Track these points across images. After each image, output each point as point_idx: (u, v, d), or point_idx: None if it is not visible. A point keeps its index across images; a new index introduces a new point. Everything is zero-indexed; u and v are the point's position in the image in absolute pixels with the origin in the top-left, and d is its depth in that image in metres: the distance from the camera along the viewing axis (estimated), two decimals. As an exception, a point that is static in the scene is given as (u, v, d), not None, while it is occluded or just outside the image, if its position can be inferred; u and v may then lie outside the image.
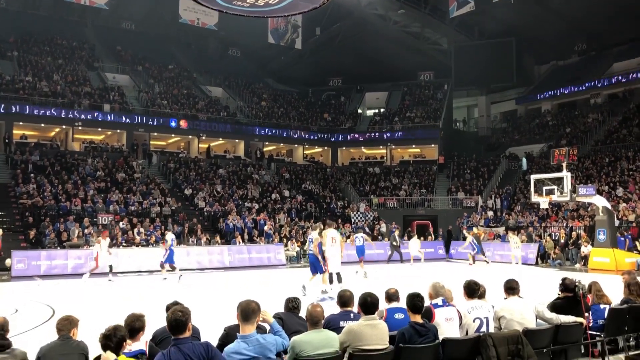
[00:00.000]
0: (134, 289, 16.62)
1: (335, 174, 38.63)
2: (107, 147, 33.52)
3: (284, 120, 40.68)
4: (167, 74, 41.78)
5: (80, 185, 26.78)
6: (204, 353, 3.97)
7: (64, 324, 4.81)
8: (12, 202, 24.76)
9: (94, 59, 40.59)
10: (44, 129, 33.67)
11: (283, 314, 5.59)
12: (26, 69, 35.01)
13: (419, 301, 5.28)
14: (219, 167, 34.17)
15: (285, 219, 29.01)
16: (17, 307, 12.04)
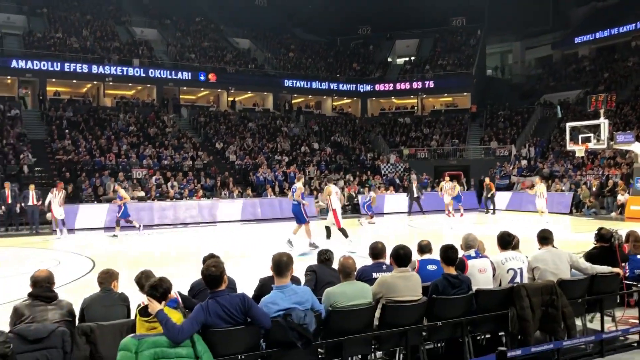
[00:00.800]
0: (171, 241, 17.05)
1: (364, 125, 38.31)
2: (138, 102, 33.82)
3: (312, 71, 40.24)
4: (195, 27, 41.48)
5: (113, 141, 27.22)
6: (240, 304, 4.06)
7: (105, 277, 4.97)
8: (49, 158, 25.38)
9: (122, 13, 40.50)
10: (76, 85, 34.06)
11: (316, 267, 5.66)
12: (56, 26, 35.18)
13: (452, 253, 5.27)
14: (249, 120, 34.22)
15: (315, 171, 29.09)
16: (59, 260, 12.49)
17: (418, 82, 39.46)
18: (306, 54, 43.27)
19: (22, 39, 33.00)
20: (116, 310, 4.80)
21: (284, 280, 4.45)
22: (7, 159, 23.49)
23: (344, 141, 34.59)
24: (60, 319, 4.32)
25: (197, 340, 3.84)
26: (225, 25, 43.65)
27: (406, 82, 39.87)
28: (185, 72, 34.70)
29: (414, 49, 44.71)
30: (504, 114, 36.80)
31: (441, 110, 39.82)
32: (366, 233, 17.36)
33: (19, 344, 3.90)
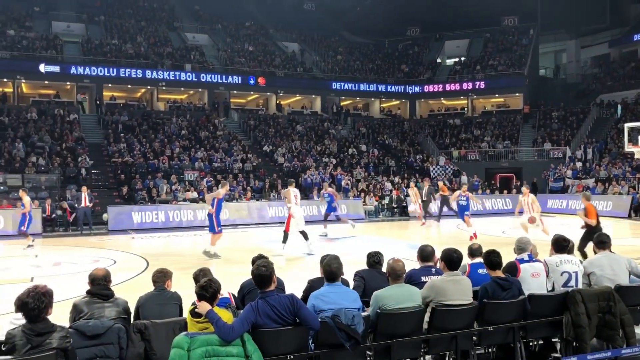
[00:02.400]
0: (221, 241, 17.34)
1: (413, 126, 37.96)
2: (190, 106, 34.66)
3: (360, 74, 40.19)
4: (245, 32, 42.15)
5: (166, 144, 27.95)
6: (289, 305, 4.10)
7: (159, 276, 5.12)
8: (105, 161, 26.30)
9: (174, 19, 41.57)
10: (131, 90, 35.17)
11: (365, 272, 5.61)
12: (112, 33, 36.45)
13: (495, 257, 5.18)
14: (297, 123, 34.48)
15: (363, 173, 29.03)
16: (114, 259, 12.91)
17: (468, 82, 38.81)
18: (354, 57, 43.27)
19: (81, 46, 34.35)
20: (169, 308, 4.93)
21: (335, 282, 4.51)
22: (66, 162, 24.47)
23: (392, 143, 34.38)
24: (117, 316, 4.47)
25: (247, 340, 3.90)
26: (275, 29, 44.18)
27: (456, 83, 39.27)
28: (235, 77, 35.31)
29: (464, 49, 43.99)
30: (558, 114, 35.74)
31: (492, 111, 39.04)
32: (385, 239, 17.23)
33: (78, 339, 4.06)
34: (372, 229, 20.39)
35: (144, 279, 10.16)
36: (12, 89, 31.95)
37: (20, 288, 3.88)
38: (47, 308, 3.70)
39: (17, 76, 31.10)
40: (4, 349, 3.62)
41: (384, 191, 26.95)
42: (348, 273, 5.21)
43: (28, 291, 3.68)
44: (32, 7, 37.80)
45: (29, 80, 32.09)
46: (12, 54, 30.96)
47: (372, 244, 13.82)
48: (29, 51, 31.62)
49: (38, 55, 31.31)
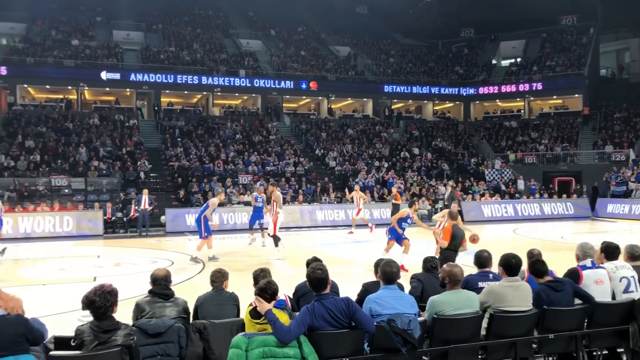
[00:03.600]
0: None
1: (467, 129, 37.29)
2: (244, 110, 35.30)
3: (413, 76, 39.85)
4: (297, 37, 42.57)
5: (221, 148, 28.52)
6: (345, 308, 4.11)
7: (217, 276, 5.24)
8: (163, 165, 27.09)
9: (229, 26, 42.45)
10: (187, 96, 36.13)
11: (422, 275, 5.57)
12: (169, 40, 37.55)
13: (540, 266, 5.17)
14: (348, 126, 34.50)
15: (415, 177, 28.73)
16: (172, 260, 13.26)
17: (525, 84, 37.80)
18: (406, 59, 42.96)
19: (140, 53, 35.56)
20: (227, 309, 5.03)
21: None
22: (126, 166, 25.34)
23: (445, 146, 33.89)
24: (177, 315, 4.59)
25: (304, 342, 3.94)
26: (327, 33, 44.42)
27: (512, 85, 38.33)
28: (287, 81, 35.69)
29: (520, 50, 42.89)
30: (621, 116, 34.32)
31: (550, 113, 37.89)
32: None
33: (141, 337, 4.20)
34: (425, 234, 20.09)
35: (201, 280, 10.41)
36: (76, 96, 33.41)
37: (84, 287, 4.05)
38: (113, 306, 3.85)
39: (81, 84, 32.48)
40: (74, 344, 3.79)
41: (438, 195, 26.58)
42: (403, 277, 5.17)
43: (95, 290, 3.84)
44: (95, 17, 39.45)
45: (91, 88, 33.46)
46: (76, 63, 32.35)
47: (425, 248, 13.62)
48: (91, 59, 32.99)
49: (100, 63, 32.63)
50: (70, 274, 11.96)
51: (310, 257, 5.82)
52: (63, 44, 34.41)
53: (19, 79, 31.32)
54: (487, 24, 43.43)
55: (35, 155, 24.86)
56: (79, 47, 34.01)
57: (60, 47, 33.72)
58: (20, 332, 3.67)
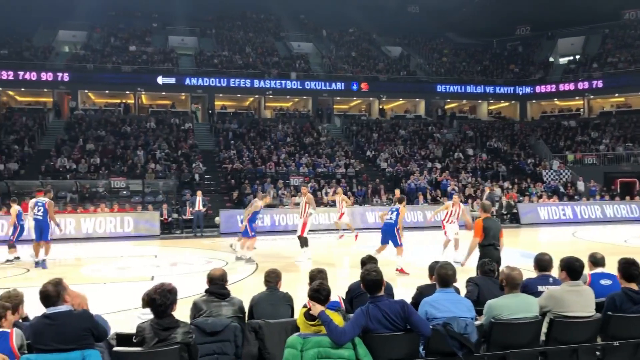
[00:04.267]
0: (327, 245, 17.57)
1: (523, 129, 36.30)
2: (295, 113, 35.58)
3: (467, 75, 39.16)
4: (348, 38, 42.59)
5: (273, 150, 28.84)
6: (400, 310, 4.07)
7: (272, 276, 5.28)
8: (216, 167, 27.62)
9: (280, 29, 42.91)
10: (240, 99, 36.74)
11: (478, 279, 5.46)
12: (223, 44, 38.30)
13: (635, 269, 4.76)
14: (400, 127, 34.21)
15: (469, 178, 28.17)
16: (226, 260, 13.48)
17: (584, 82, 36.47)
18: (460, 58, 42.26)
19: (194, 58, 36.44)
20: (281, 308, 5.07)
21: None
22: (181, 168, 25.98)
23: (501, 147, 33.09)
24: (233, 314, 4.66)
25: (358, 344, 3.92)
26: (378, 34, 44.25)
27: (570, 83, 37.06)
28: (338, 83, 35.74)
29: (579, 47, 41.43)
30: (690, 113, 32.63)
31: (612, 111, 36.39)
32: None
33: (198, 335, 4.28)
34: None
35: (254, 280, 10.54)
36: (134, 100, 34.53)
37: (142, 286, 4.16)
38: (172, 304, 3.95)
39: (138, 88, 33.57)
40: (135, 341, 3.91)
41: (493, 197, 25.94)
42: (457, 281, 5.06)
43: (155, 288, 3.95)
44: (151, 23, 40.70)
45: (148, 92, 34.52)
46: (134, 68, 33.45)
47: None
48: (148, 64, 34.03)
49: (156, 68, 33.61)
50: (129, 273, 12.35)
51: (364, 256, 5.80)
52: (121, 50, 35.68)
53: (80, 84, 32.65)
54: (544, 21, 42.20)
55: (96, 158, 25.83)
56: (136, 53, 35.16)
57: (118, 53, 34.97)
58: (86, 326, 3.81)
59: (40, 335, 3.72)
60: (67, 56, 35.19)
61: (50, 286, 3.93)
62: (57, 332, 3.71)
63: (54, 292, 3.90)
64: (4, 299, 4.22)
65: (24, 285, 8.37)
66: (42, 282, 4.04)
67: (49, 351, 3.65)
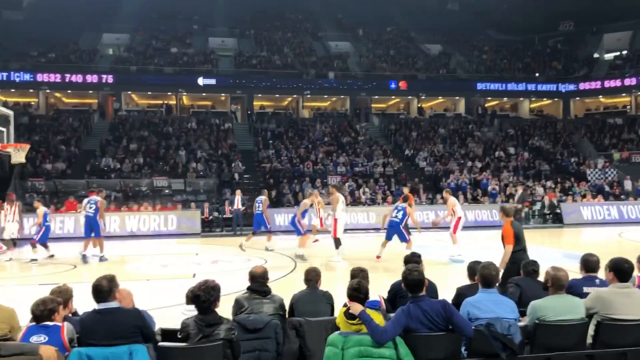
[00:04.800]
0: (364, 245, 17.54)
1: (567, 127, 35.40)
2: (333, 112, 35.62)
3: (508, 73, 38.44)
4: (386, 36, 42.38)
5: (311, 150, 28.94)
6: (441, 310, 4.04)
7: (313, 275, 5.32)
8: (255, 166, 27.90)
9: (318, 29, 43.03)
10: (278, 99, 37.01)
11: (520, 279, 5.36)
12: (261, 45, 38.65)
13: (625, 263, 4.66)
14: (439, 126, 33.84)
15: (511, 177, 27.64)
16: (265, 259, 13.61)
17: (632, 78, 35.30)
18: (501, 55, 41.52)
19: (234, 59, 36.89)
20: (321, 307, 5.09)
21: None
22: (221, 168, 26.35)
23: (543, 145, 32.36)
24: (274, 312, 4.72)
25: (400, 343, 3.91)
26: (417, 32, 43.89)
27: (617, 79, 35.93)
28: (376, 82, 35.60)
29: (626, 42, 40.16)
30: None
31: (661, 108, 35.18)
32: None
33: (240, 332, 4.35)
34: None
35: (293, 278, 10.61)
36: (175, 101, 35.18)
37: (184, 283, 4.24)
38: (216, 301, 4.03)
39: (179, 89, 34.19)
40: (180, 337, 4.00)
41: (535, 196, 25.44)
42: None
43: (200, 285, 4.03)
44: (192, 25, 41.40)
45: (189, 93, 35.12)
46: (175, 70, 34.09)
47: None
48: (189, 66, 34.63)
49: (197, 69, 34.17)
50: (171, 270, 12.60)
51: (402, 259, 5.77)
52: (163, 52, 36.41)
53: (123, 86, 33.48)
54: (589, 16, 41.07)
55: (139, 157, 26.44)
56: (178, 55, 35.82)
57: (160, 55, 35.70)
58: (137, 324, 3.93)
59: (90, 330, 3.85)
60: (111, 59, 36.15)
61: (105, 281, 4.07)
62: (107, 327, 3.83)
63: (107, 287, 4.03)
64: (55, 294, 4.38)
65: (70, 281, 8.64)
66: (89, 278, 4.18)
67: (98, 345, 3.76)
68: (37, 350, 3.66)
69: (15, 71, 31.69)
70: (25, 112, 30.83)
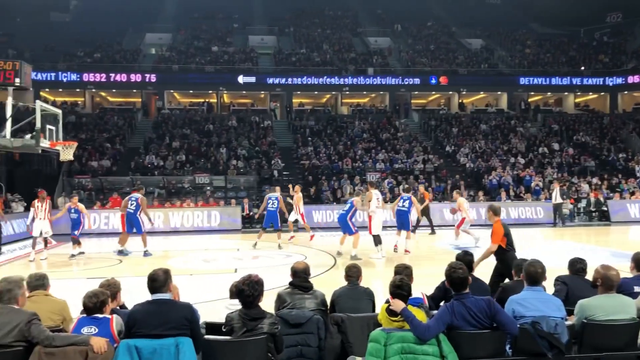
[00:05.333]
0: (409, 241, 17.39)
1: (614, 122, 34.29)
2: (372, 108, 35.47)
3: (552, 67, 37.50)
4: (426, 31, 41.94)
5: (349, 146, 28.89)
6: (486, 308, 3.99)
7: (353, 271, 5.32)
8: (294, 163, 28.04)
9: (357, 25, 42.92)
10: (317, 96, 37.09)
11: (567, 277, 5.24)
12: (300, 42, 38.79)
13: None
14: (481, 121, 33.29)
15: (555, 174, 26.97)
16: (305, 255, 13.68)
17: (683, 70, 33.98)
18: (544, 49, 40.53)
19: (273, 57, 37.14)
20: (363, 303, 5.09)
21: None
22: (261, 165, 26.59)
23: (589, 141, 31.44)
24: (316, 307, 4.74)
25: (443, 340, 3.88)
26: (457, 26, 43.29)
27: (668, 71, 34.63)
28: (416, 77, 35.28)
29: (677, 32, 38.68)
30: None
31: None
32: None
33: (282, 326, 4.39)
34: (568, 235, 18.90)
35: (333, 275, 10.64)
36: (216, 99, 35.68)
37: (226, 278, 4.30)
38: (259, 296, 4.08)
39: (220, 88, 34.66)
40: (224, 330, 4.07)
41: (580, 193, 24.77)
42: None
43: (244, 280, 4.09)
44: (232, 24, 41.89)
45: (229, 91, 35.57)
46: (216, 68, 34.57)
47: (568, 250, 12.80)
48: (229, 64, 35.05)
49: (237, 68, 34.56)
50: (213, 265, 12.82)
51: (441, 256, 5.70)
52: (204, 51, 36.95)
53: (166, 85, 34.16)
54: (638, 7, 39.64)
55: (181, 155, 26.93)
56: (218, 53, 36.30)
57: (201, 54, 36.24)
58: (187, 317, 4.01)
59: (143, 320, 3.95)
60: (154, 58, 36.90)
61: (161, 272, 4.18)
62: (159, 318, 3.93)
63: (162, 278, 4.14)
64: (104, 287, 4.52)
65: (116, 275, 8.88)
66: (134, 272, 4.29)
67: (147, 336, 3.86)
68: (89, 341, 3.79)
69: (62, 71, 32.73)
70: (73, 111, 31.81)
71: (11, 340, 3.81)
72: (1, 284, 4.05)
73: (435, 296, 5.26)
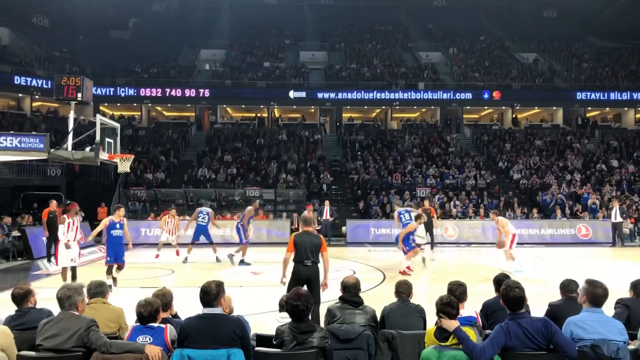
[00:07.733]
0: (456, 258, 17.11)
1: (679, 138, 32.78)
2: (422, 123, 35.18)
3: (611, 81, 36.24)
4: (479, 46, 41.39)
5: (399, 161, 28.69)
6: (542, 329, 3.86)
7: (404, 287, 5.25)
8: (343, 178, 28.07)
9: (408, 39, 42.83)
10: (367, 111, 37.09)
11: (628, 300, 5.00)
12: (351, 57, 38.98)
13: None
14: (535, 137, 32.45)
15: (614, 192, 25.92)
16: (353, 270, 13.60)
17: None
18: (602, 63, 39.27)
19: (324, 72, 37.46)
20: (413, 320, 5.01)
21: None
22: (310, 178, 26.73)
23: (650, 158, 30.13)
24: (366, 323, 4.71)
25: (497, 361, 3.78)
26: (511, 40, 42.55)
27: None
28: (468, 92, 34.82)
29: None
30: None
31: None
32: None
33: (332, 341, 4.37)
34: (627, 255, 18.13)
35: (383, 290, 10.54)
36: (267, 114, 36.21)
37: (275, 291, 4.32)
38: (310, 309, 4.08)
39: (271, 102, 35.17)
40: (275, 342, 4.09)
41: (641, 212, 23.70)
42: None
43: (295, 293, 4.11)
44: (284, 40, 42.55)
45: (280, 106, 36.03)
46: (267, 83, 35.13)
47: (628, 271, 12.27)
48: (280, 80, 35.55)
49: (288, 83, 35.01)
50: (262, 277, 12.91)
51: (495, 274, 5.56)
52: (256, 66, 37.65)
53: (219, 100, 34.93)
54: None
55: (232, 168, 27.40)
56: (270, 69, 36.89)
57: (253, 70, 36.93)
58: (237, 332, 4.05)
59: (193, 335, 4.02)
60: (208, 73, 37.83)
61: (214, 285, 4.24)
62: (209, 333, 3.99)
63: (215, 291, 4.20)
64: (157, 297, 4.63)
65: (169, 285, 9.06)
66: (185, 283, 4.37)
67: (200, 347, 3.93)
68: (143, 349, 3.88)
69: (120, 86, 33.99)
70: (129, 124, 32.92)
71: (71, 346, 3.95)
72: (62, 291, 4.21)
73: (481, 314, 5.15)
